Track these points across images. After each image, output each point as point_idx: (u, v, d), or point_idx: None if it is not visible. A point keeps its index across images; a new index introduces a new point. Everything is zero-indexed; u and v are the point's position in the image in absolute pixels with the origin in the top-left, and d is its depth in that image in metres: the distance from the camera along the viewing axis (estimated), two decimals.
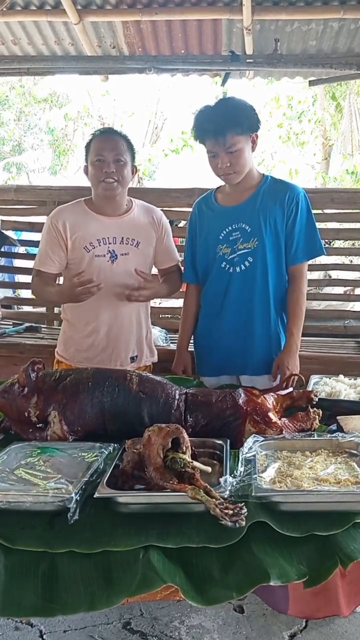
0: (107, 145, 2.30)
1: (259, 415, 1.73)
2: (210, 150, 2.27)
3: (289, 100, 12.17)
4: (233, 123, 2.21)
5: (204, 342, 2.51)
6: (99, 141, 2.33)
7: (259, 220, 2.32)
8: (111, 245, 2.37)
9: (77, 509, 1.30)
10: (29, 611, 1.20)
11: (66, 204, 2.48)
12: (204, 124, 2.27)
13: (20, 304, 4.70)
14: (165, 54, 4.27)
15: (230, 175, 2.29)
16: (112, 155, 2.29)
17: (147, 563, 1.20)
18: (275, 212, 2.33)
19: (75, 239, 2.36)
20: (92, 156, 2.32)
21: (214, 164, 2.30)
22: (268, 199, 2.35)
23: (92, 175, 2.34)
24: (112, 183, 2.31)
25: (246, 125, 2.25)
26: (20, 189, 4.06)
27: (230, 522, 1.22)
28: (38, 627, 2.31)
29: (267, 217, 2.33)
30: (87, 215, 2.39)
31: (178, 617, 2.37)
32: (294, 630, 2.28)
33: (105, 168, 2.29)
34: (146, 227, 2.46)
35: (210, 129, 2.23)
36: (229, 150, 2.23)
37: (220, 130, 2.21)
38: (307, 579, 1.20)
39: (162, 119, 15.35)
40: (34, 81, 15.19)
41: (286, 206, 2.33)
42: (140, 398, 1.75)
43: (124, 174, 2.33)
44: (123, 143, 2.33)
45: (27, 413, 1.75)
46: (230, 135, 2.21)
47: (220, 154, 2.25)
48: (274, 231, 2.34)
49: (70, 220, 2.37)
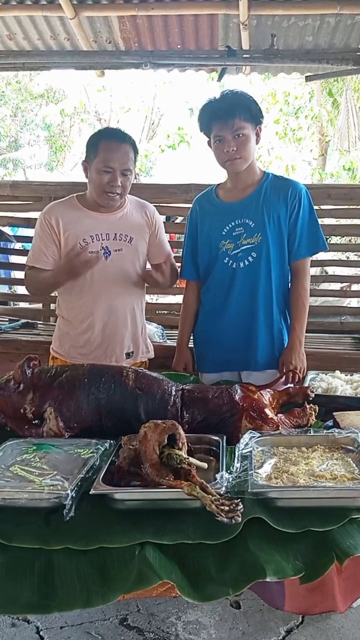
0: (116, 155, 2.26)
1: (255, 411, 1.73)
2: (217, 134, 2.27)
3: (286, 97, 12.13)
4: (241, 108, 2.25)
5: (205, 339, 2.50)
6: (108, 149, 2.26)
7: (262, 215, 2.33)
8: (104, 241, 2.36)
9: (73, 506, 1.30)
10: (25, 608, 1.20)
11: (58, 201, 2.47)
12: (213, 109, 2.28)
13: (17, 301, 4.68)
14: (161, 49, 4.25)
15: (236, 160, 2.29)
16: (121, 168, 2.26)
17: (143, 559, 1.20)
18: (279, 208, 2.34)
19: (69, 235, 2.34)
20: (98, 163, 2.26)
21: (219, 150, 2.30)
22: (271, 194, 2.35)
23: (95, 181, 2.30)
24: (115, 196, 2.30)
25: (253, 112, 2.29)
26: (16, 184, 4.04)
27: (226, 518, 1.22)
28: (35, 624, 2.31)
29: (271, 213, 2.33)
30: (80, 211, 2.38)
31: (175, 613, 2.37)
32: (291, 626, 2.29)
33: (112, 181, 2.26)
34: (139, 223, 2.45)
35: (219, 113, 2.25)
36: (236, 134, 2.25)
37: (229, 113, 2.23)
38: (304, 574, 1.20)
39: (159, 114, 15.30)
40: (30, 77, 15.11)
41: (289, 202, 2.35)
42: (136, 394, 1.74)
43: (127, 185, 2.32)
44: (131, 151, 2.30)
45: (22, 409, 1.75)
46: (239, 119, 2.23)
47: (227, 138, 2.25)
48: (277, 227, 2.34)
49: (64, 216, 2.36)
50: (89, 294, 2.37)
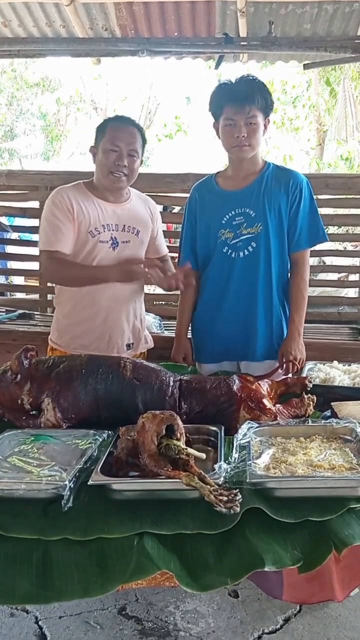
0: (124, 136, 2.26)
1: (253, 401, 1.73)
2: (230, 118, 2.24)
3: (283, 85, 12.05)
4: (260, 96, 2.24)
5: (204, 329, 2.50)
6: (116, 129, 2.27)
7: (263, 205, 2.32)
8: (114, 232, 2.34)
9: (71, 497, 1.30)
10: (23, 598, 1.20)
11: (66, 185, 2.40)
12: (230, 91, 2.26)
13: (13, 291, 4.66)
14: (158, 37, 4.21)
15: (244, 147, 2.27)
16: (127, 148, 2.25)
17: (142, 550, 1.20)
18: (280, 198, 2.33)
19: (81, 221, 2.30)
20: (105, 143, 2.26)
21: (229, 134, 2.27)
22: (273, 184, 2.34)
23: (101, 162, 2.29)
24: (121, 176, 2.28)
25: (268, 103, 2.27)
26: (11, 173, 4.01)
27: (224, 508, 1.22)
28: (33, 614, 2.32)
29: (272, 203, 2.32)
30: (90, 199, 2.34)
31: (173, 602, 2.38)
32: (288, 615, 2.30)
33: (118, 160, 2.25)
34: (144, 217, 2.45)
35: (238, 94, 2.22)
36: (249, 121, 2.23)
37: (247, 98, 2.21)
38: (302, 564, 1.20)
39: (156, 103, 15.20)
40: (25, 65, 14.98)
41: (290, 192, 2.33)
42: (134, 385, 1.74)
43: (133, 168, 2.30)
44: (138, 135, 2.30)
45: (20, 400, 1.74)
46: (255, 106, 2.22)
47: (240, 124, 2.23)
48: (278, 217, 2.33)
49: (77, 200, 2.31)
50: None
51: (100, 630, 2.24)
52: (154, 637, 2.20)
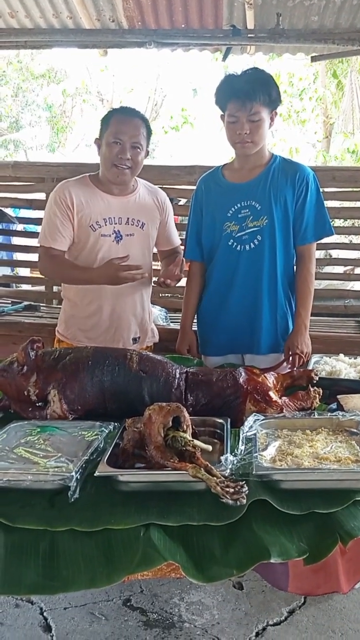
0: (127, 128, 2.24)
1: (259, 394, 1.73)
2: (233, 114, 2.23)
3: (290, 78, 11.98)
4: (264, 91, 2.20)
5: (209, 321, 2.49)
6: (119, 121, 2.25)
7: (269, 198, 2.30)
8: (117, 225, 2.33)
9: (78, 488, 1.30)
10: (29, 589, 1.20)
11: (71, 179, 2.40)
12: (233, 86, 2.23)
13: (19, 282, 4.66)
14: (165, 28, 4.18)
15: (247, 144, 2.26)
16: (130, 141, 2.23)
17: (148, 541, 1.20)
18: (286, 191, 2.31)
19: (82, 216, 2.30)
20: (108, 136, 2.25)
21: (232, 130, 2.26)
22: (279, 177, 2.33)
23: (105, 155, 2.28)
24: (124, 169, 2.27)
25: (273, 97, 2.24)
26: (17, 165, 4.00)
27: (231, 500, 1.22)
28: (38, 605, 2.34)
29: (278, 196, 2.31)
30: (94, 192, 2.34)
31: (178, 594, 2.40)
32: (293, 607, 2.31)
33: (121, 153, 2.24)
34: (151, 209, 2.43)
35: (241, 91, 2.19)
36: (252, 118, 2.21)
37: (249, 95, 2.18)
38: (307, 556, 1.20)
39: (162, 95, 15.14)
40: (31, 56, 14.94)
41: (297, 185, 2.32)
42: (140, 377, 1.74)
43: (137, 161, 2.28)
44: (142, 126, 2.27)
45: (26, 392, 1.74)
46: (258, 102, 2.19)
47: (242, 120, 2.21)
48: (284, 210, 2.32)
49: (78, 195, 2.31)
50: None
51: (105, 622, 2.25)
52: (158, 628, 2.21)
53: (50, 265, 2.37)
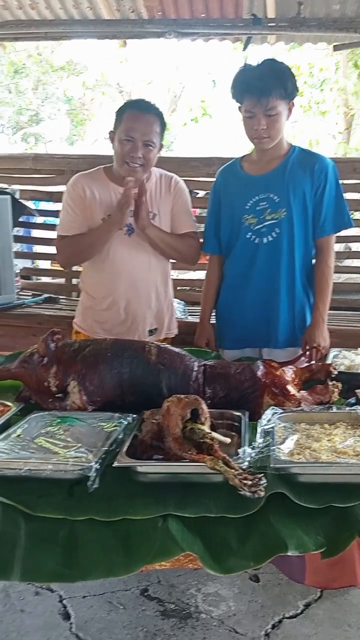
0: (140, 126, 2.22)
1: (277, 387, 1.72)
2: (249, 110, 2.21)
3: (311, 68, 11.82)
4: (278, 85, 2.17)
5: (227, 315, 2.49)
6: (132, 119, 2.24)
7: (287, 190, 2.28)
8: (129, 218, 2.33)
9: (97, 478, 1.31)
10: (49, 577, 1.22)
11: (85, 172, 2.43)
12: (248, 80, 2.20)
13: (39, 275, 4.69)
14: (185, 18, 4.16)
15: (264, 139, 2.24)
16: (143, 138, 2.22)
17: (166, 531, 1.21)
18: (305, 183, 2.29)
19: (94, 209, 2.33)
20: (121, 132, 2.24)
21: (249, 125, 2.24)
22: (297, 168, 2.30)
23: (117, 151, 2.28)
24: (135, 167, 2.26)
25: (290, 90, 2.21)
26: (38, 157, 4.02)
27: (249, 492, 1.22)
28: (58, 592, 2.37)
29: (296, 188, 2.28)
30: (107, 185, 2.35)
31: (194, 585, 2.41)
32: (309, 600, 2.32)
33: (133, 151, 2.23)
34: (163, 198, 2.42)
35: (255, 88, 2.17)
36: (269, 113, 2.18)
37: (265, 91, 2.15)
38: (325, 549, 1.20)
39: (181, 87, 15.06)
40: (51, 49, 14.94)
41: (315, 177, 2.29)
42: (158, 369, 1.74)
43: (150, 158, 2.27)
44: (156, 123, 2.26)
45: (46, 383, 1.76)
46: (274, 97, 2.16)
47: (259, 115, 2.19)
48: (303, 202, 2.30)
49: (91, 188, 2.33)
50: (111, 271, 2.36)
51: (123, 610, 2.28)
52: (175, 618, 2.23)
53: (63, 249, 2.42)
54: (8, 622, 2.22)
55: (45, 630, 2.19)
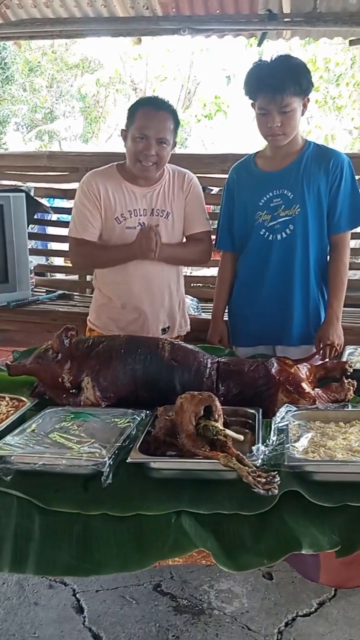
0: (153, 123, 2.21)
1: (291, 385, 1.72)
2: (263, 107, 2.18)
3: (326, 63, 11.75)
4: (293, 82, 2.14)
5: (240, 312, 2.48)
6: (145, 116, 2.22)
7: (302, 186, 2.26)
8: (142, 217, 2.33)
9: (111, 473, 1.32)
10: (63, 570, 1.23)
11: (98, 169, 2.43)
12: (262, 77, 2.18)
13: (53, 272, 4.72)
14: (199, 14, 4.14)
15: (279, 136, 2.22)
16: (156, 136, 2.21)
17: (179, 527, 1.22)
18: (319, 179, 2.27)
19: (108, 208, 2.33)
20: (134, 130, 2.23)
21: (263, 122, 2.22)
22: (312, 164, 2.28)
23: (130, 149, 2.27)
24: (149, 165, 2.26)
25: (305, 86, 2.18)
26: (52, 155, 4.03)
27: (262, 490, 1.22)
28: (71, 586, 2.39)
29: (311, 184, 2.26)
30: (119, 184, 2.35)
31: (207, 581, 2.41)
32: (323, 599, 2.31)
33: (146, 150, 2.22)
34: (177, 196, 2.40)
35: (269, 85, 2.14)
36: (283, 110, 2.16)
37: (279, 88, 2.12)
38: (340, 548, 1.19)
39: (195, 83, 15.03)
40: (65, 46, 15.00)
41: (330, 173, 2.27)
42: (172, 366, 1.75)
43: (163, 156, 2.26)
44: (169, 120, 2.25)
45: (60, 379, 1.77)
46: (288, 94, 2.13)
47: (273, 113, 2.17)
48: (317, 198, 2.27)
49: (104, 186, 2.33)
50: (125, 269, 2.36)
51: (136, 605, 2.28)
52: (188, 614, 2.24)
53: (82, 254, 2.41)
54: (22, 614, 2.24)
55: (58, 623, 2.20)
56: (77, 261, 2.54)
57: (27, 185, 3.88)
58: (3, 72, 14.21)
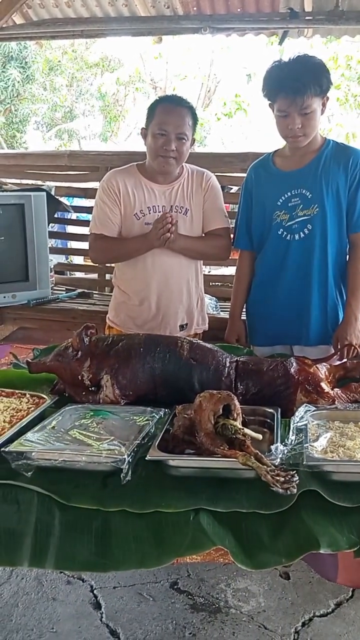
0: (172, 119, 2.25)
1: (311, 384, 1.71)
2: (283, 109, 2.16)
3: (348, 61, 11.62)
4: (314, 83, 2.12)
5: (258, 311, 2.48)
6: (164, 112, 2.27)
7: (320, 186, 2.25)
8: (160, 213, 2.35)
9: (130, 470, 1.33)
10: (82, 565, 1.25)
11: (119, 168, 2.47)
12: (281, 79, 2.15)
13: (73, 270, 4.75)
14: (220, 13, 4.13)
15: (299, 138, 2.20)
16: (175, 131, 2.24)
17: (198, 525, 1.22)
18: (338, 178, 2.25)
19: (127, 205, 2.36)
20: (154, 126, 2.27)
21: (283, 124, 2.21)
22: (331, 163, 2.26)
23: (150, 146, 2.30)
24: (169, 160, 2.28)
25: (324, 86, 2.16)
26: (73, 154, 4.07)
27: (281, 489, 1.22)
28: (89, 582, 2.41)
29: (330, 183, 2.24)
30: (140, 181, 2.38)
31: (224, 579, 2.42)
32: (340, 599, 2.30)
33: (166, 145, 2.25)
34: (195, 193, 2.42)
35: (289, 87, 2.11)
36: (304, 112, 2.14)
37: (299, 90, 2.10)
38: (358, 548, 1.19)
39: (215, 81, 15.00)
40: (86, 45, 15.08)
41: (350, 171, 2.24)
42: (190, 365, 1.75)
43: (182, 151, 2.29)
44: (188, 116, 2.28)
45: (80, 376, 1.79)
46: (309, 95, 2.11)
47: (293, 114, 2.15)
48: (336, 198, 2.26)
49: (125, 184, 2.37)
50: (143, 266, 2.38)
51: (153, 602, 2.30)
52: (204, 612, 2.24)
53: (100, 248, 2.44)
54: (41, 609, 2.27)
55: (76, 619, 2.22)
56: (96, 256, 2.56)
57: (47, 185, 3.91)
58: (24, 71, 14.32)
